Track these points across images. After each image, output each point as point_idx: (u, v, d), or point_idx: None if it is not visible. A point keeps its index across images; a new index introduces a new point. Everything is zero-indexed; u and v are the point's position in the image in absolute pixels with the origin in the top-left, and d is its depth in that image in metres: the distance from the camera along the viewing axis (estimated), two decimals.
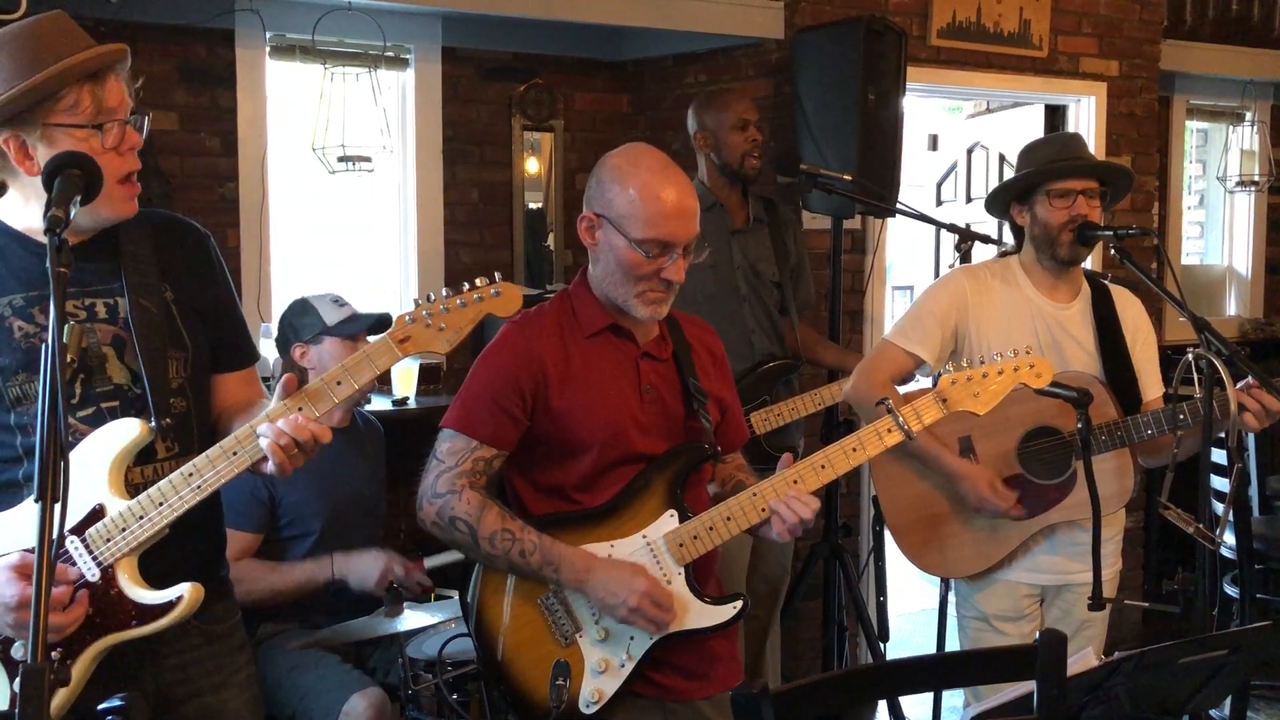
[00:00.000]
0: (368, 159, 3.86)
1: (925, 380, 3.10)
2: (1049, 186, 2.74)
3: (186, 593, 1.80)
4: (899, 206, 3.64)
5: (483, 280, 1.86)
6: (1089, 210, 2.73)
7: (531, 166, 4.46)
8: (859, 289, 4.25)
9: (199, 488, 1.81)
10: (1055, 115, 4.84)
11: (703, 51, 4.27)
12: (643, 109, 4.56)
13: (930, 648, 3.29)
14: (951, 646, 3.18)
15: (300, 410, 1.80)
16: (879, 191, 3.65)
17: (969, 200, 5.31)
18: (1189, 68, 5.26)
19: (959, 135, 5.51)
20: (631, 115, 4.59)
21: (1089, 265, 3.31)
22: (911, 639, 4.83)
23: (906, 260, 8.01)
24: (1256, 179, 5.70)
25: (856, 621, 3.87)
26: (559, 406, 2.11)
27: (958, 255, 3.41)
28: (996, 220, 3.78)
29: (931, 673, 1.70)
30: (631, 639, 2.11)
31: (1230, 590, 4.13)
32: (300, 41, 3.87)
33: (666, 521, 2.13)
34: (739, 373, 3.50)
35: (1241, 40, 5.49)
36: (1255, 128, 5.69)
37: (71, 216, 1.57)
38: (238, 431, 1.83)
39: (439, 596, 3.08)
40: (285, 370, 3.10)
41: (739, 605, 2.15)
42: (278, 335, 3.11)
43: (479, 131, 4.31)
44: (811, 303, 3.79)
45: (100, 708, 1.40)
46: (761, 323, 3.55)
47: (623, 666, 2.11)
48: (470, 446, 2.10)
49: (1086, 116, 4.76)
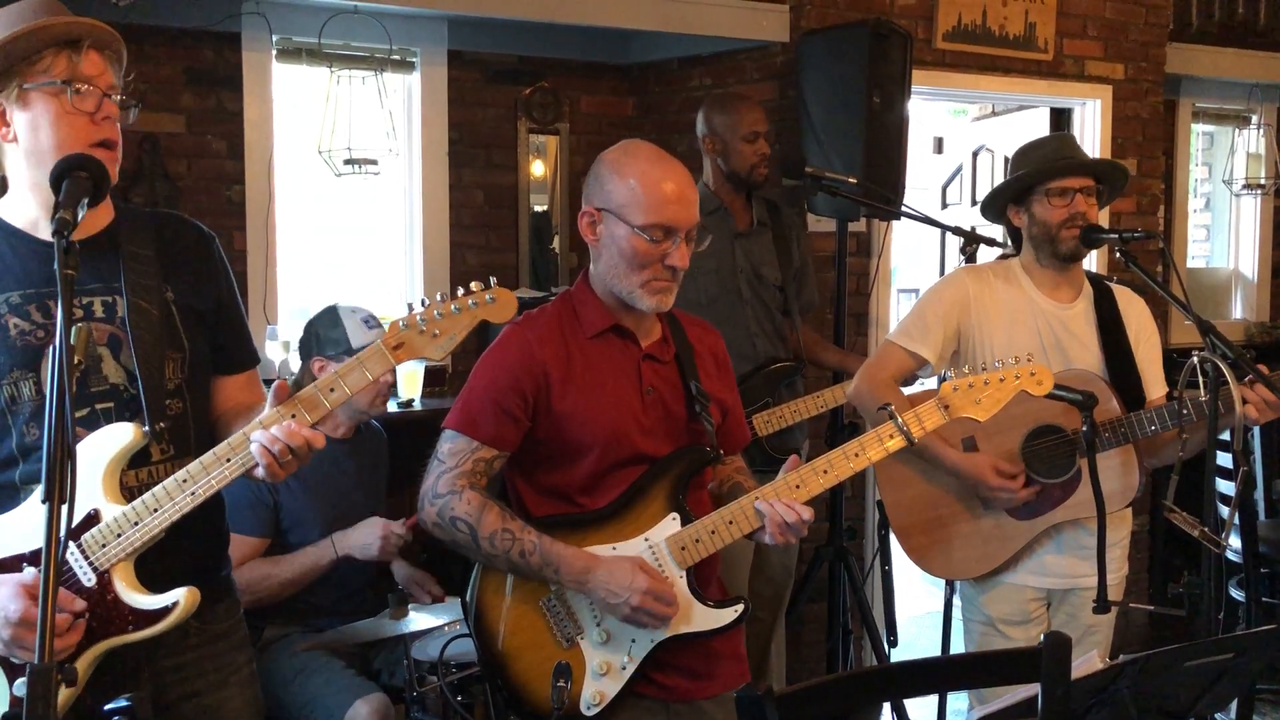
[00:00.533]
0: (373, 162, 3.87)
1: (930, 381, 3.11)
2: (1047, 186, 2.75)
3: (182, 598, 1.80)
4: (904, 209, 3.64)
5: (478, 286, 1.86)
6: (1087, 208, 2.74)
7: (537, 169, 4.47)
8: (864, 291, 4.25)
9: (193, 494, 1.81)
10: (1061, 118, 4.83)
11: (708, 55, 4.27)
12: (648, 112, 4.56)
13: (935, 650, 3.28)
14: (956, 649, 3.18)
15: (293, 417, 1.80)
16: (884, 194, 3.65)
17: (974, 203, 5.30)
18: (1195, 71, 5.26)
19: (964, 138, 5.51)
20: (637, 118, 4.60)
21: (1094, 269, 3.31)
22: (916, 641, 4.82)
23: (911, 263, 8.01)
24: (1262, 182, 5.69)
25: (861, 624, 3.87)
26: (560, 408, 2.11)
27: (963, 258, 3.41)
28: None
29: (936, 675, 1.70)
30: (633, 641, 2.11)
31: (1236, 594, 4.13)
32: (306, 44, 3.89)
33: (668, 524, 2.13)
34: (742, 375, 3.49)
35: (1247, 43, 5.48)
36: (1261, 131, 5.68)
37: (79, 219, 1.58)
38: (232, 438, 1.82)
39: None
40: (300, 377, 3.10)
41: (740, 608, 2.15)
42: (302, 337, 3.10)
43: (484, 134, 4.32)
44: (815, 305, 3.79)
45: (107, 708, 1.40)
46: (764, 325, 3.56)
47: (624, 668, 2.11)
48: (471, 447, 2.10)
49: (1092, 119, 4.76)
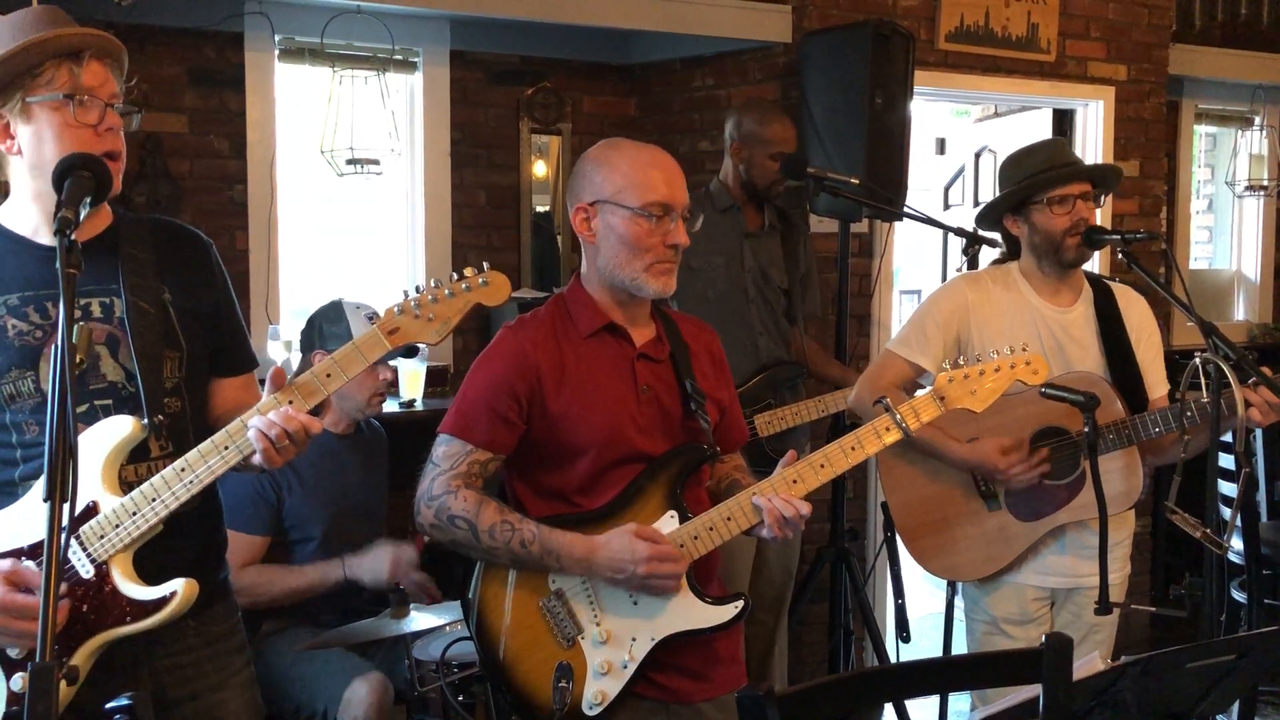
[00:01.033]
0: (376, 162, 3.87)
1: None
2: (1046, 195, 2.74)
3: (180, 589, 1.81)
4: (906, 210, 3.64)
5: (471, 270, 1.86)
6: (1088, 213, 2.74)
7: (539, 170, 4.47)
8: (866, 293, 4.25)
9: (191, 483, 1.81)
10: (1063, 119, 4.83)
11: (710, 55, 4.27)
12: (650, 112, 4.56)
13: (937, 651, 3.28)
14: (958, 649, 3.18)
15: (290, 403, 1.81)
16: (886, 195, 3.65)
17: (977, 204, 5.30)
18: (1198, 72, 5.26)
19: (967, 139, 5.51)
20: (639, 119, 4.60)
21: (1097, 270, 3.30)
22: (918, 642, 4.81)
23: (914, 264, 8.01)
24: (1265, 183, 5.69)
25: (862, 625, 3.87)
26: (555, 409, 2.12)
27: (965, 259, 3.41)
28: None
29: (937, 676, 1.70)
30: (633, 640, 2.11)
31: (1238, 595, 4.12)
32: (309, 44, 3.89)
33: (667, 522, 2.13)
34: (745, 375, 3.50)
35: (1250, 45, 5.48)
36: (1264, 132, 5.68)
37: (82, 218, 1.58)
38: (229, 426, 1.83)
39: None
40: (302, 368, 3.11)
41: (740, 605, 2.15)
42: (304, 331, 3.10)
43: (487, 135, 4.32)
44: (818, 314, 3.79)
45: (108, 706, 1.40)
46: (768, 326, 3.56)
47: (625, 667, 2.11)
48: (466, 450, 2.11)
49: (1094, 121, 4.75)
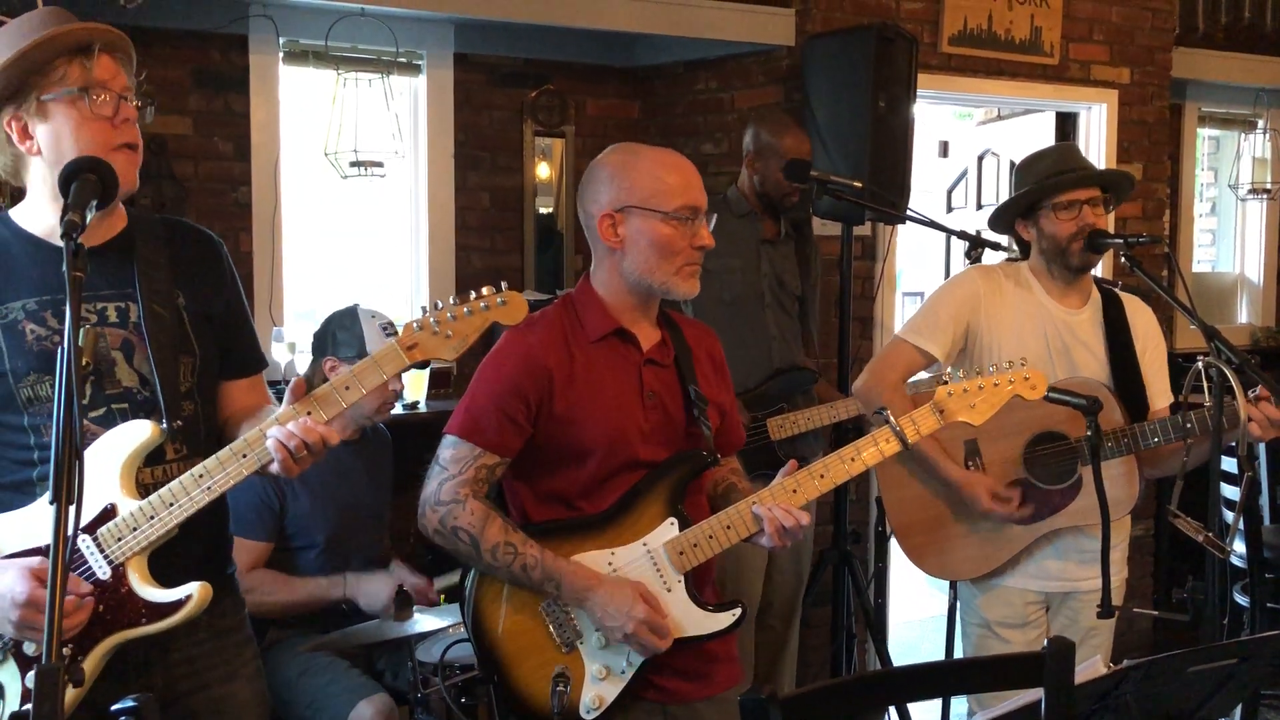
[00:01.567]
0: (380, 164, 3.88)
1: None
2: (1054, 200, 2.75)
3: (196, 591, 1.83)
4: (909, 213, 3.64)
5: (489, 289, 1.88)
6: (1095, 219, 2.74)
7: (543, 172, 4.48)
8: (869, 295, 4.25)
9: (209, 489, 1.83)
10: (1066, 122, 4.83)
11: (713, 58, 4.28)
12: (653, 115, 4.57)
13: (939, 654, 3.28)
14: (960, 653, 3.18)
15: (309, 414, 1.82)
16: (889, 198, 3.65)
17: (980, 207, 5.30)
18: (1201, 75, 5.25)
19: (970, 142, 5.51)
20: (642, 121, 4.60)
21: (1099, 273, 3.30)
22: (920, 645, 4.82)
23: (917, 266, 8.01)
24: (1268, 186, 5.69)
25: (865, 628, 3.87)
26: (563, 412, 2.11)
27: (968, 262, 3.41)
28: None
29: (939, 680, 1.70)
30: None
31: (1240, 599, 4.12)
32: (313, 47, 3.90)
33: (667, 529, 2.13)
34: (759, 379, 3.52)
35: (1254, 48, 5.48)
36: (1267, 135, 5.68)
37: (88, 221, 1.59)
38: (248, 434, 1.85)
39: (448, 599, 3.09)
40: (310, 374, 3.12)
41: (737, 613, 2.15)
42: (317, 333, 3.10)
43: (490, 137, 4.33)
44: (821, 327, 3.80)
45: (114, 708, 1.41)
46: (783, 330, 3.58)
47: (623, 673, 2.11)
48: (474, 454, 2.10)
49: (1098, 124, 4.76)
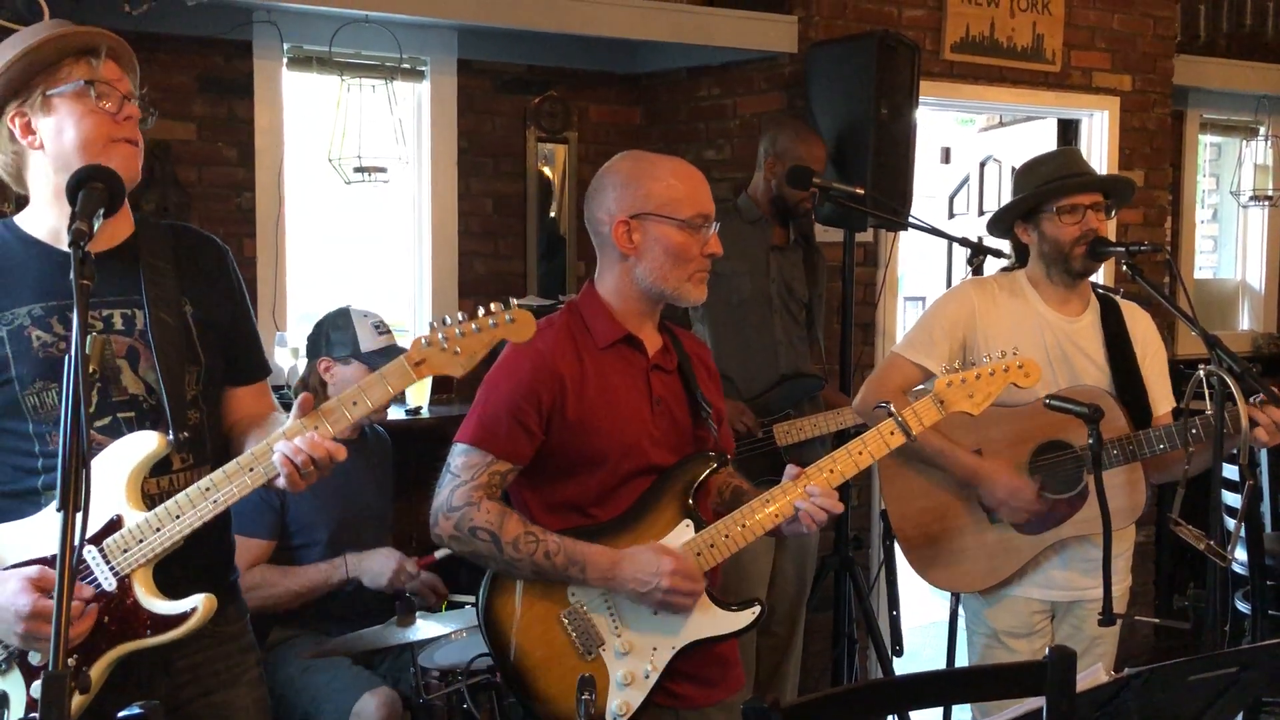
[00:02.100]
0: (383, 170, 3.89)
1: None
2: (1056, 204, 2.75)
3: (201, 604, 1.83)
4: (911, 221, 3.65)
5: (498, 306, 1.88)
6: (1097, 224, 2.75)
7: (545, 177, 4.48)
8: (871, 301, 4.26)
9: (216, 502, 1.83)
10: (1068, 129, 4.84)
11: (716, 65, 4.29)
12: (656, 122, 4.58)
13: (940, 661, 3.29)
14: (961, 660, 3.18)
15: (316, 429, 1.82)
16: (891, 205, 3.66)
17: (981, 213, 5.31)
18: (1203, 82, 5.26)
19: (971, 148, 5.52)
20: (645, 127, 4.61)
21: (1101, 280, 3.31)
22: (922, 652, 4.82)
23: (918, 271, 8.02)
24: (1270, 193, 5.69)
25: (866, 634, 3.88)
26: (575, 419, 2.12)
27: (970, 269, 3.42)
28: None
29: (941, 688, 1.70)
30: (654, 650, 2.13)
31: (1242, 606, 4.12)
32: (317, 53, 3.91)
33: (683, 531, 2.15)
34: (766, 385, 3.52)
35: (1255, 55, 5.49)
36: (1269, 142, 5.68)
37: (95, 230, 1.60)
38: (254, 448, 1.85)
39: (451, 605, 3.10)
40: (306, 375, 3.13)
41: (757, 611, 2.16)
42: (311, 335, 3.12)
43: (493, 143, 4.34)
44: (827, 336, 3.80)
45: (120, 716, 1.42)
46: (789, 336, 3.59)
47: (648, 676, 2.13)
48: (486, 461, 2.11)
49: (1099, 131, 4.76)
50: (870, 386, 2.84)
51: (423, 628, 2.72)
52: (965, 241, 3.51)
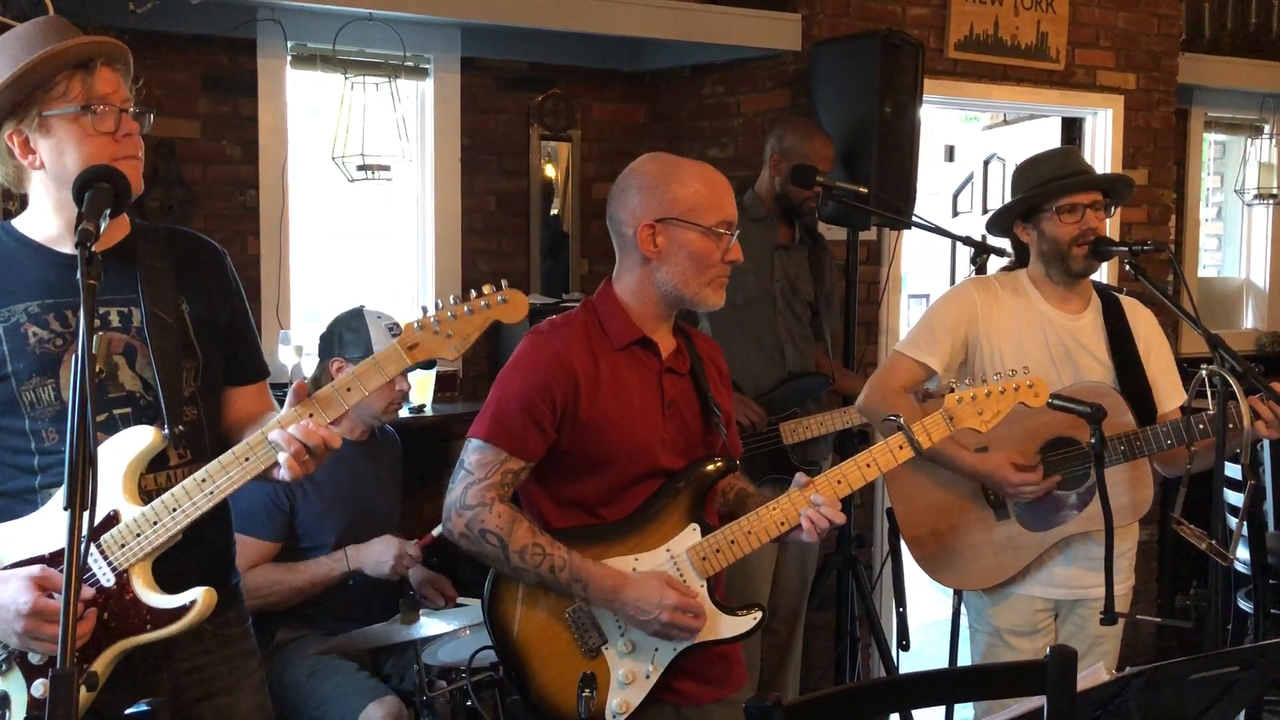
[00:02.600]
0: (387, 168, 3.89)
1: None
2: (1056, 203, 2.75)
3: (200, 597, 1.83)
4: (915, 219, 3.65)
5: (489, 288, 1.88)
6: (1097, 223, 2.75)
7: (549, 175, 4.49)
8: (874, 300, 4.26)
9: (212, 493, 1.83)
10: (1072, 128, 4.83)
11: (720, 63, 4.29)
12: (660, 119, 4.58)
13: (943, 658, 3.29)
14: (964, 659, 3.19)
15: (310, 416, 1.83)
16: (895, 203, 3.66)
17: (985, 211, 5.31)
18: (1207, 81, 5.25)
19: (975, 146, 5.52)
20: (648, 125, 4.61)
21: (1104, 279, 3.31)
22: (924, 650, 4.82)
23: (922, 268, 8.02)
24: (1274, 192, 5.68)
25: (869, 633, 3.88)
26: (588, 419, 2.13)
27: (973, 268, 3.42)
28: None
29: (943, 687, 1.71)
30: (656, 650, 2.14)
31: (1244, 605, 4.12)
32: (321, 51, 3.91)
33: (689, 535, 2.15)
34: (772, 384, 3.53)
35: (1260, 53, 5.48)
36: (1273, 141, 5.67)
37: (102, 230, 1.60)
38: (250, 438, 1.85)
39: (458, 604, 3.10)
40: (318, 374, 3.13)
41: (759, 616, 2.18)
42: (324, 334, 3.12)
43: (497, 141, 4.34)
44: (836, 334, 3.81)
45: (127, 713, 1.43)
46: (794, 336, 3.59)
47: (648, 677, 2.14)
48: (500, 458, 2.11)
49: (1103, 129, 4.76)
50: (873, 385, 2.84)
51: (427, 625, 2.73)
52: (969, 240, 3.51)
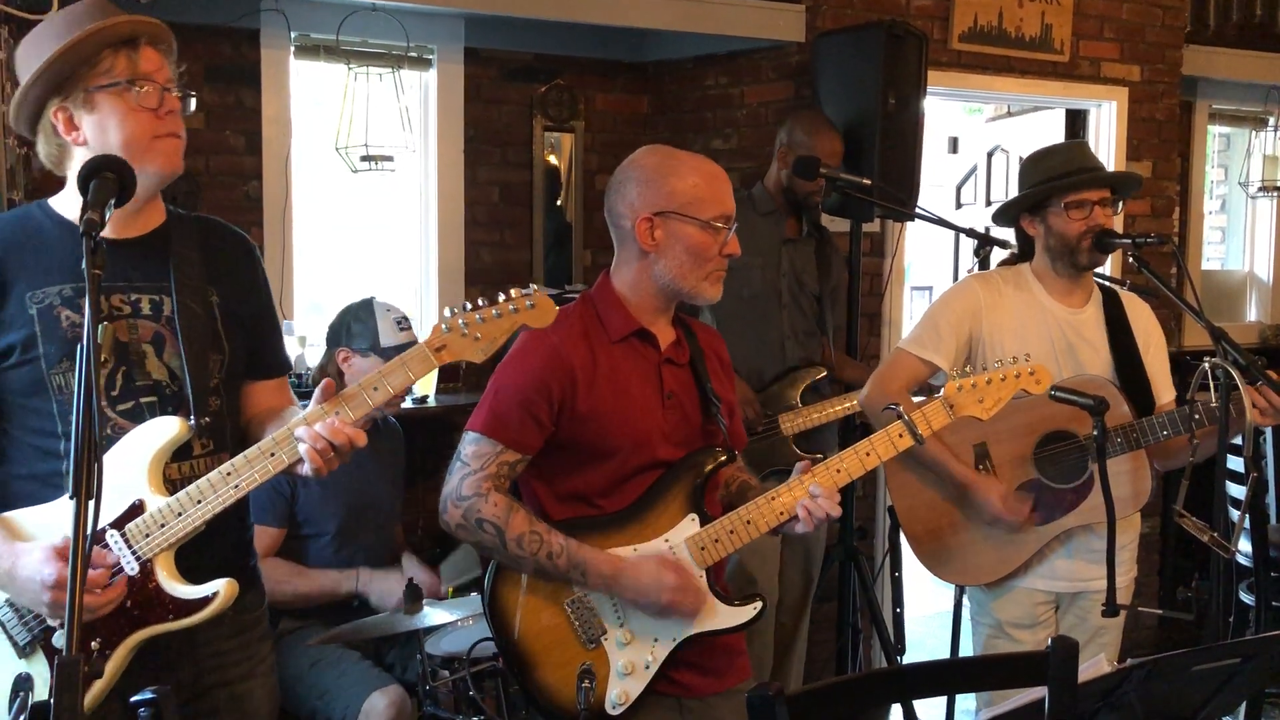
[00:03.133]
0: (390, 158, 3.89)
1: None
2: (1064, 199, 2.75)
3: (222, 589, 1.85)
4: (918, 211, 3.65)
5: (518, 291, 1.88)
6: (1105, 219, 2.75)
7: (552, 166, 4.48)
8: (877, 292, 4.25)
9: (237, 487, 1.85)
10: (1076, 120, 4.82)
11: (723, 54, 4.28)
12: (663, 110, 4.58)
13: (945, 651, 3.30)
14: (966, 651, 3.19)
15: (336, 414, 1.84)
16: (898, 196, 3.66)
17: (989, 203, 5.30)
18: (1211, 73, 5.24)
19: (979, 138, 5.51)
20: (652, 116, 4.61)
21: (1108, 271, 3.31)
22: (925, 642, 4.83)
23: (926, 260, 8.00)
24: (1278, 184, 5.67)
25: (871, 624, 3.89)
26: (585, 411, 2.13)
27: (976, 260, 3.42)
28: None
29: (944, 678, 1.72)
30: (655, 640, 2.14)
31: (1246, 597, 4.13)
32: (324, 41, 3.91)
33: (688, 525, 2.16)
34: (771, 377, 3.53)
35: (1264, 45, 5.47)
36: (1278, 133, 5.66)
37: (107, 219, 1.61)
38: (276, 434, 1.87)
39: (457, 591, 3.11)
40: (324, 363, 3.14)
41: (759, 606, 2.18)
42: (332, 324, 3.13)
43: (500, 132, 4.33)
44: (840, 328, 3.81)
45: (132, 700, 1.43)
46: (797, 331, 3.60)
47: (648, 667, 2.14)
48: (496, 450, 2.12)
49: (1108, 121, 4.75)
50: (876, 382, 2.84)
51: (430, 615, 2.74)
52: (972, 232, 3.51)
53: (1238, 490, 3.95)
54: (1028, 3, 4.42)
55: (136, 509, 1.85)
